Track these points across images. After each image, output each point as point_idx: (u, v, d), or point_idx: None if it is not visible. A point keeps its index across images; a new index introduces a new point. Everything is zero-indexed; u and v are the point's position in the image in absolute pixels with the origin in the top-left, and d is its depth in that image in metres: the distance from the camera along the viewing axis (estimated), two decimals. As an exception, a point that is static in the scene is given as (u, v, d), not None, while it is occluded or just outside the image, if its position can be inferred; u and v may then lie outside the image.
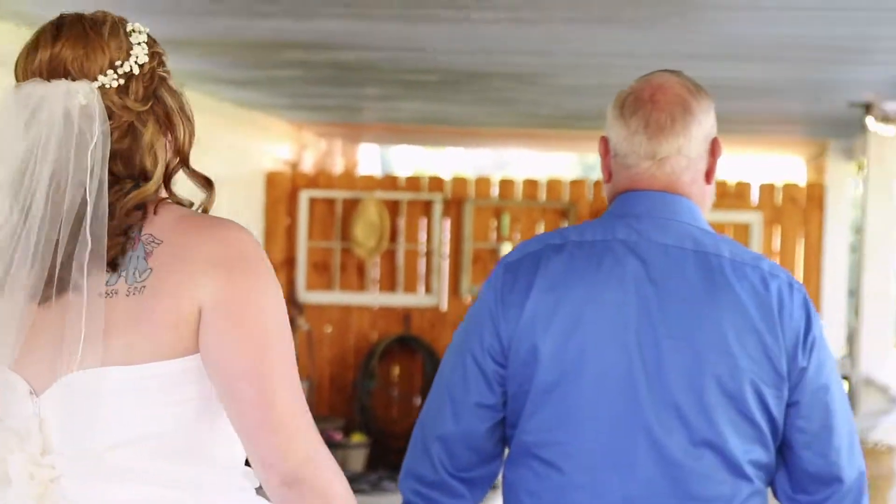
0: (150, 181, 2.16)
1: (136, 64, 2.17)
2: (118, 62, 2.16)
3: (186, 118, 2.24)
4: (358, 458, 10.62)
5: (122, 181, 2.15)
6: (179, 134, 2.21)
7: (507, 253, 2.91)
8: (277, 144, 11.57)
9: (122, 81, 2.16)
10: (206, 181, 2.24)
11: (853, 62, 7.70)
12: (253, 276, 2.15)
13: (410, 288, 11.35)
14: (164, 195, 2.23)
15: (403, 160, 24.65)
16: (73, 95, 2.12)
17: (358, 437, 10.82)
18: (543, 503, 2.80)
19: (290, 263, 11.20)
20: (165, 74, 2.23)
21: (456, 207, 11.34)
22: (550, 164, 24.50)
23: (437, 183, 11.44)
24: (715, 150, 2.95)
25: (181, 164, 2.23)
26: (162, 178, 2.19)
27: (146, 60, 2.18)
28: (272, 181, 11.24)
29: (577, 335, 2.78)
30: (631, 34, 6.75)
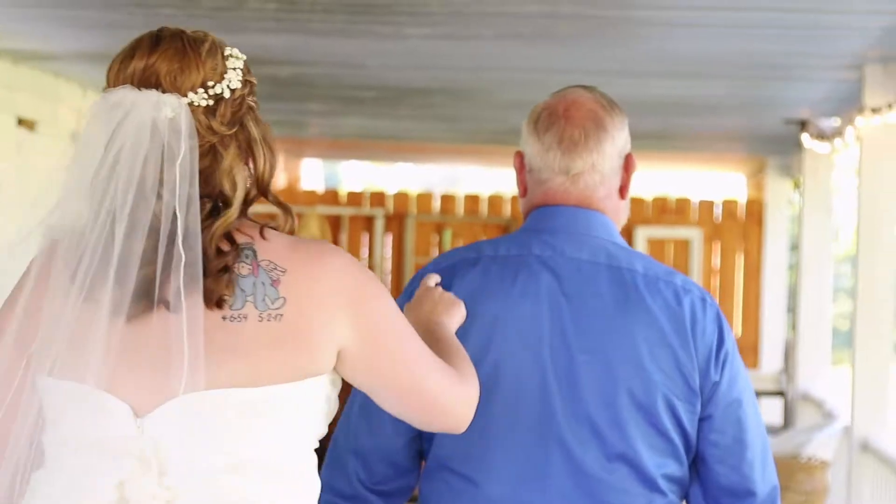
0: (229, 206, 2.17)
1: (227, 88, 2.17)
2: (210, 83, 2.16)
3: (269, 149, 2.23)
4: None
5: (201, 199, 2.15)
6: (260, 164, 2.20)
7: (422, 267, 2.91)
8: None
9: (210, 102, 2.16)
10: (285, 208, 2.24)
11: (789, 79, 7.77)
12: (374, 300, 2.24)
13: (352, 303, 11.29)
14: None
15: (351, 176, 24.65)
16: (161, 107, 2.13)
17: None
18: None
19: (231, 279, 11.16)
20: (253, 104, 2.23)
21: (398, 223, 11.35)
22: (498, 180, 24.55)
23: (378, 198, 11.44)
24: (629, 165, 2.97)
25: (260, 193, 2.23)
26: (241, 204, 2.19)
27: (238, 86, 2.18)
28: (214, 196, 11.19)
29: (491, 349, 2.78)
30: (565, 51, 6.79)
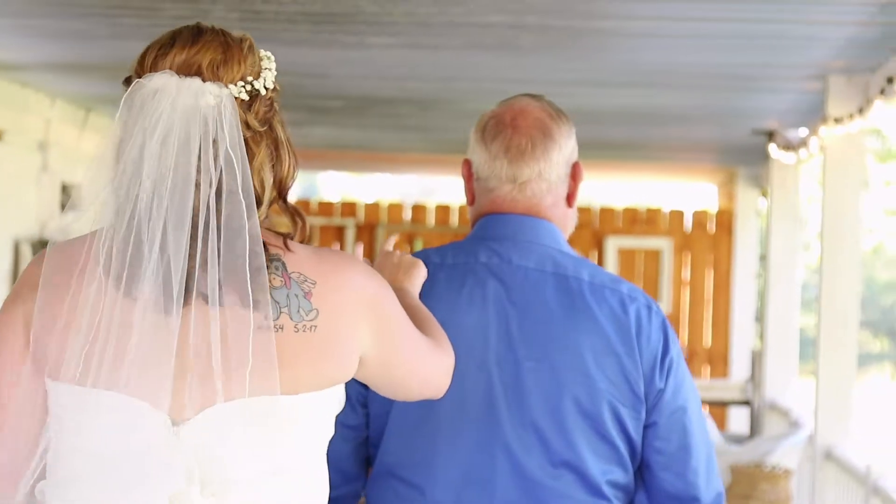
0: (260, 205, 2.18)
1: (264, 86, 2.19)
2: (250, 77, 2.18)
3: (293, 154, 2.26)
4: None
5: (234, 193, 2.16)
6: (284, 167, 2.23)
7: None
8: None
9: (247, 97, 2.17)
10: (299, 215, 2.26)
11: (755, 90, 7.79)
12: (389, 307, 2.30)
13: (323, 313, 11.30)
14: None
15: (328, 186, 24.64)
16: (204, 94, 2.13)
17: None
18: None
19: (202, 288, 11.16)
20: (278, 107, 2.26)
21: (368, 233, 11.35)
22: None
23: (350, 208, 11.44)
24: (576, 174, 2.98)
25: (280, 196, 2.24)
26: (269, 204, 2.21)
27: (272, 86, 2.21)
28: (184, 206, 11.18)
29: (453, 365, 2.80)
30: (531, 61, 6.80)
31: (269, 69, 2.22)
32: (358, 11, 5.68)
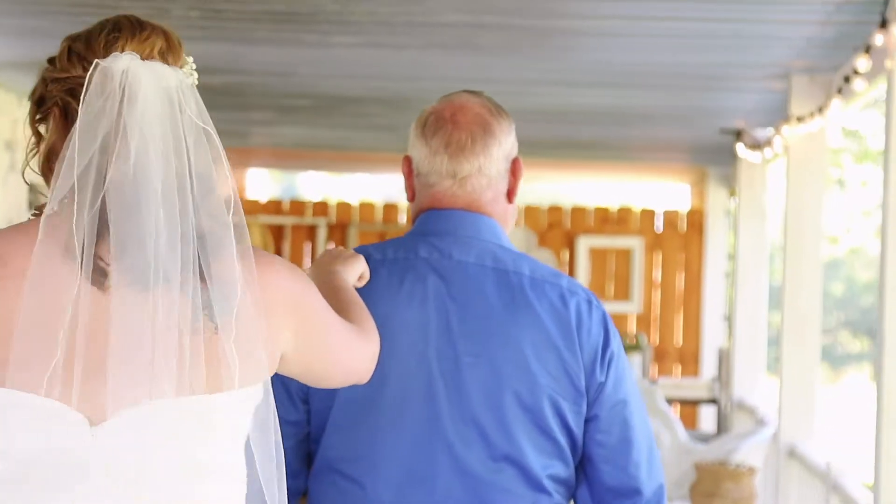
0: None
1: (195, 74, 2.20)
2: (187, 66, 2.19)
3: None
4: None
5: None
6: None
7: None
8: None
9: (192, 83, 2.18)
10: None
11: (720, 89, 7.82)
12: (311, 303, 2.29)
13: (294, 312, 11.32)
14: None
15: (308, 186, 24.62)
16: (168, 76, 2.13)
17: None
18: None
19: (174, 288, 11.15)
20: None
21: (340, 232, 11.36)
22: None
23: (321, 208, 11.45)
24: (516, 169, 3.00)
25: None
26: None
27: (196, 81, 2.21)
28: (155, 206, 11.16)
29: (379, 353, 2.81)
30: (492, 60, 6.82)
31: (190, 62, 2.22)
32: (319, 10, 5.69)
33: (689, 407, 11.31)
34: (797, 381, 7.19)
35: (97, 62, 2.12)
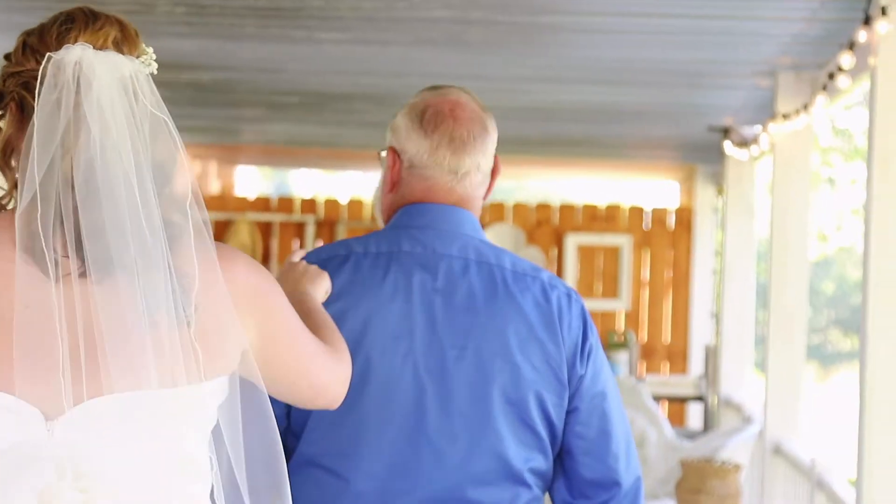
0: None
1: (153, 64, 2.18)
2: (144, 56, 2.17)
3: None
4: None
5: None
6: None
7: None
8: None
9: (148, 73, 2.16)
10: None
11: (708, 87, 7.82)
12: (274, 301, 2.27)
13: (283, 309, 11.31)
14: None
15: (301, 184, 24.60)
16: (121, 65, 2.11)
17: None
18: None
19: (162, 285, 11.14)
20: None
21: (328, 229, 11.36)
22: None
23: (309, 205, 11.45)
24: (496, 167, 3.03)
25: None
26: None
27: (154, 72, 2.19)
28: (142, 203, 11.15)
29: (363, 346, 2.81)
30: (480, 57, 6.82)
31: (150, 52, 2.20)
32: (304, 6, 5.69)
33: (676, 404, 11.32)
34: (783, 378, 7.20)
35: (49, 55, 2.11)
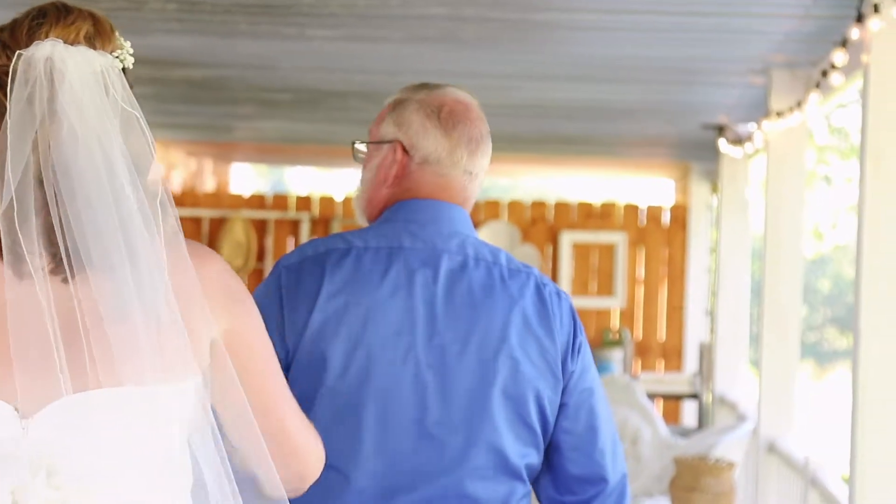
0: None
1: (128, 61, 2.15)
2: (118, 51, 2.14)
3: (149, 132, 2.20)
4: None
5: None
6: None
7: (283, 256, 2.93)
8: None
9: (121, 68, 2.13)
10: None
11: (701, 84, 7.81)
12: (247, 307, 2.23)
13: (277, 307, 11.30)
14: None
15: (298, 181, 24.59)
16: (93, 60, 2.09)
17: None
18: None
19: (156, 282, 11.13)
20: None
21: (323, 226, 11.34)
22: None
23: (304, 202, 11.43)
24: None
25: None
26: None
27: (130, 67, 2.16)
28: (137, 200, 11.13)
29: (364, 341, 2.80)
30: (474, 54, 6.81)
31: (126, 46, 2.19)
32: (295, 3, 5.68)
33: (671, 402, 11.31)
34: (777, 376, 7.20)
35: (19, 52, 2.09)
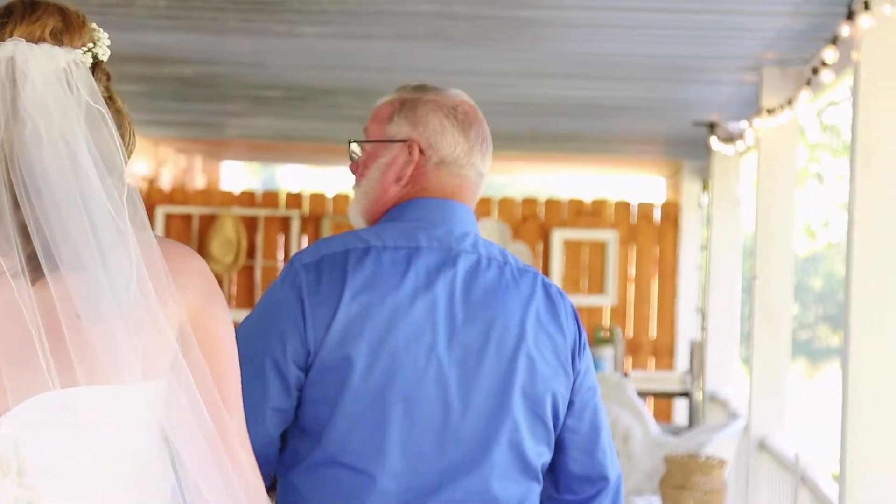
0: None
1: (103, 53, 2.14)
2: (90, 44, 2.13)
3: (132, 130, 2.20)
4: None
5: None
6: (125, 139, 2.16)
7: (296, 254, 2.90)
8: (131, 160, 11.46)
9: (90, 63, 2.12)
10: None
11: (693, 82, 7.81)
12: (219, 303, 2.19)
13: (268, 305, 11.30)
14: None
15: (290, 179, 24.56)
16: (57, 57, 2.08)
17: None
18: None
19: (146, 280, 11.11)
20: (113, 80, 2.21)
21: (314, 224, 11.33)
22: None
23: (295, 199, 11.42)
24: None
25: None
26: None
27: (108, 53, 2.15)
28: (127, 197, 11.11)
29: (388, 343, 2.78)
30: (465, 51, 6.80)
31: (103, 38, 2.18)
32: (286, 0, 5.67)
33: (663, 400, 11.30)
34: (768, 374, 7.19)
35: None
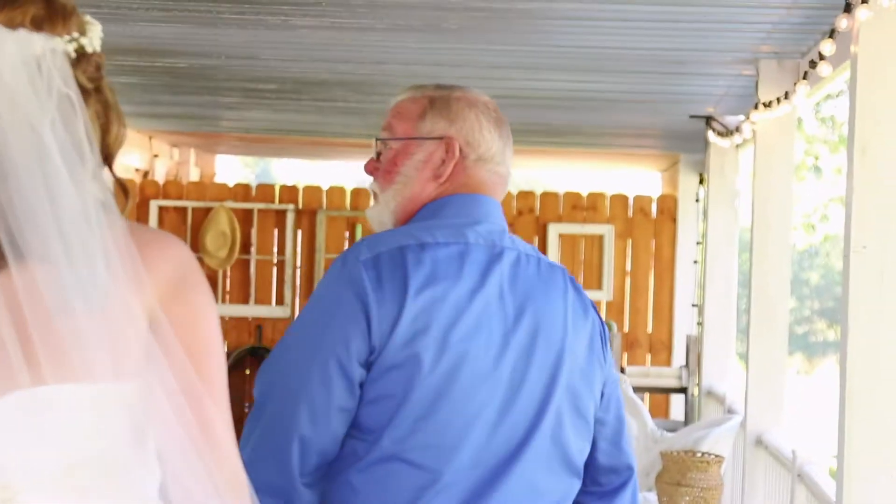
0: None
1: (90, 43, 2.09)
2: (76, 34, 2.08)
3: (121, 120, 2.14)
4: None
5: None
6: (111, 132, 2.11)
7: (349, 251, 2.87)
8: (125, 153, 11.43)
9: (75, 55, 2.06)
10: (124, 188, 2.12)
11: (689, 75, 7.77)
12: (197, 287, 2.12)
13: (263, 299, 11.27)
14: None
15: (285, 173, 24.55)
16: (31, 43, 2.03)
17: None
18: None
19: (140, 273, 11.07)
20: (105, 75, 2.14)
21: (309, 218, 11.29)
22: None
23: (289, 193, 11.38)
24: None
25: (105, 162, 2.10)
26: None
27: (97, 49, 2.10)
28: (121, 190, 11.08)
29: (452, 338, 2.77)
30: (457, 43, 6.76)
31: (94, 30, 2.14)
32: (279, -10, 5.64)
33: (659, 396, 11.26)
34: (765, 369, 7.15)
35: None
